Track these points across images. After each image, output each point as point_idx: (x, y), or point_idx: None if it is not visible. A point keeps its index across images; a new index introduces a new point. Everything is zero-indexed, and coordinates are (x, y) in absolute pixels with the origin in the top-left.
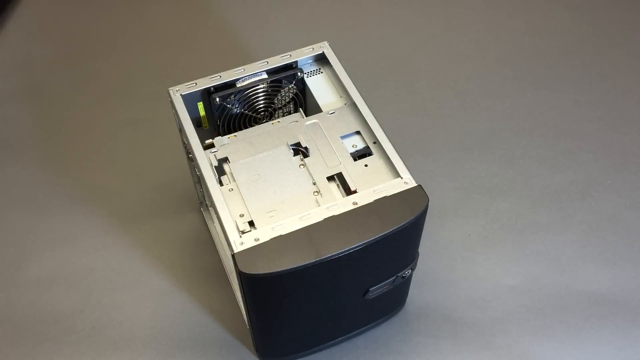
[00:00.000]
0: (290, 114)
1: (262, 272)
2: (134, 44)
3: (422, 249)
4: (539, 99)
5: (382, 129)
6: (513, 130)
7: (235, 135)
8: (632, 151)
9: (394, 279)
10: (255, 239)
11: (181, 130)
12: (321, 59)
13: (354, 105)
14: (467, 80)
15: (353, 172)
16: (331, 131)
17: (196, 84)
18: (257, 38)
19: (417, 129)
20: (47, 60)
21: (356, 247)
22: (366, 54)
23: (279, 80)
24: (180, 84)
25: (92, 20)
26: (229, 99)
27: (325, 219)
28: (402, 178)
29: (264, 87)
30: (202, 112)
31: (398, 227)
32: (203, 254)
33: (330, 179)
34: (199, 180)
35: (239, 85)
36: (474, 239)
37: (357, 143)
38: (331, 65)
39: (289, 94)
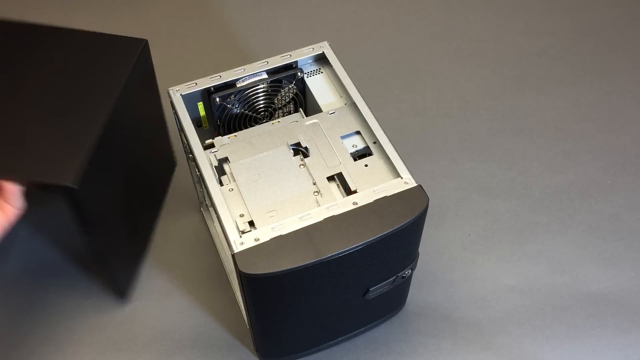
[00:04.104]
0: (290, 114)
1: (262, 272)
2: None
3: (422, 249)
4: (539, 99)
5: (382, 129)
6: (513, 130)
7: (235, 135)
8: (632, 151)
9: (394, 279)
10: (255, 239)
11: (181, 130)
12: (321, 59)
13: (354, 105)
14: (467, 80)
15: (353, 172)
16: (331, 131)
17: (196, 84)
18: (257, 38)
19: (417, 129)
20: None
21: (356, 247)
22: (366, 54)
23: (279, 80)
24: (180, 84)
25: (93, 20)
26: (229, 99)
27: (325, 219)
28: (402, 178)
29: (264, 87)
30: (202, 112)
31: (398, 227)
32: (203, 254)
33: (330, 179)
34: (199, 180)
35: (239, 85)
36: (474, 239)
37: (357, 143)
38: (331, 65)
39: (289, 94)
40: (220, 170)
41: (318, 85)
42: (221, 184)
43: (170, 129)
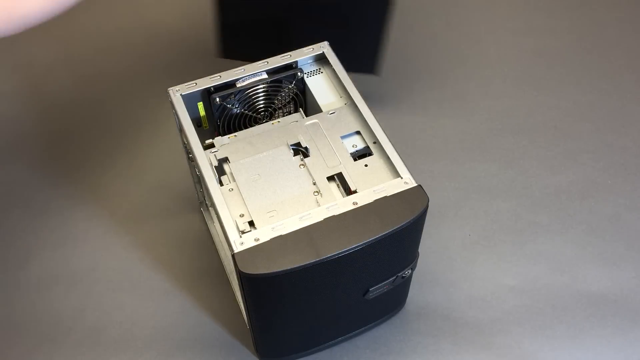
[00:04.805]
0: (290, 114)
1: (262, 272)
2: (134, 44)
3: (422, 249)
4: (539, 99)
5: (382, 129)
6: (513, 130)
7: (235, 135)
8: (632, 151)
9: (394, 279)
10: (255, 239)
11: (181, 130)
12: (321, 59)
13: (354, 105)
14: (467, 80)
15: (353, 172)
16: (331, 131)
17: (196, 84)
18: None
19: (417, 129)
20: (47, 60)
21: (356, 247)
22: None
23: (279, 80)
24: (180, 84)
25: (93, 20)
26: (229, 99)
27: (325, 219)
28: (402, 178)
29: (264, 87)
30: (202, 112)
31: (398, 227)
32: (203, 254)
33: (330, 179)
34: (199, 180)
35: (239, 85)
36: (474, 239)
37: (357, 143)
38: (331, 65)
39: (289, 94)
40: (220, 170)
41: (318, 85)
42: (221, 184)
43: (170, 128)
